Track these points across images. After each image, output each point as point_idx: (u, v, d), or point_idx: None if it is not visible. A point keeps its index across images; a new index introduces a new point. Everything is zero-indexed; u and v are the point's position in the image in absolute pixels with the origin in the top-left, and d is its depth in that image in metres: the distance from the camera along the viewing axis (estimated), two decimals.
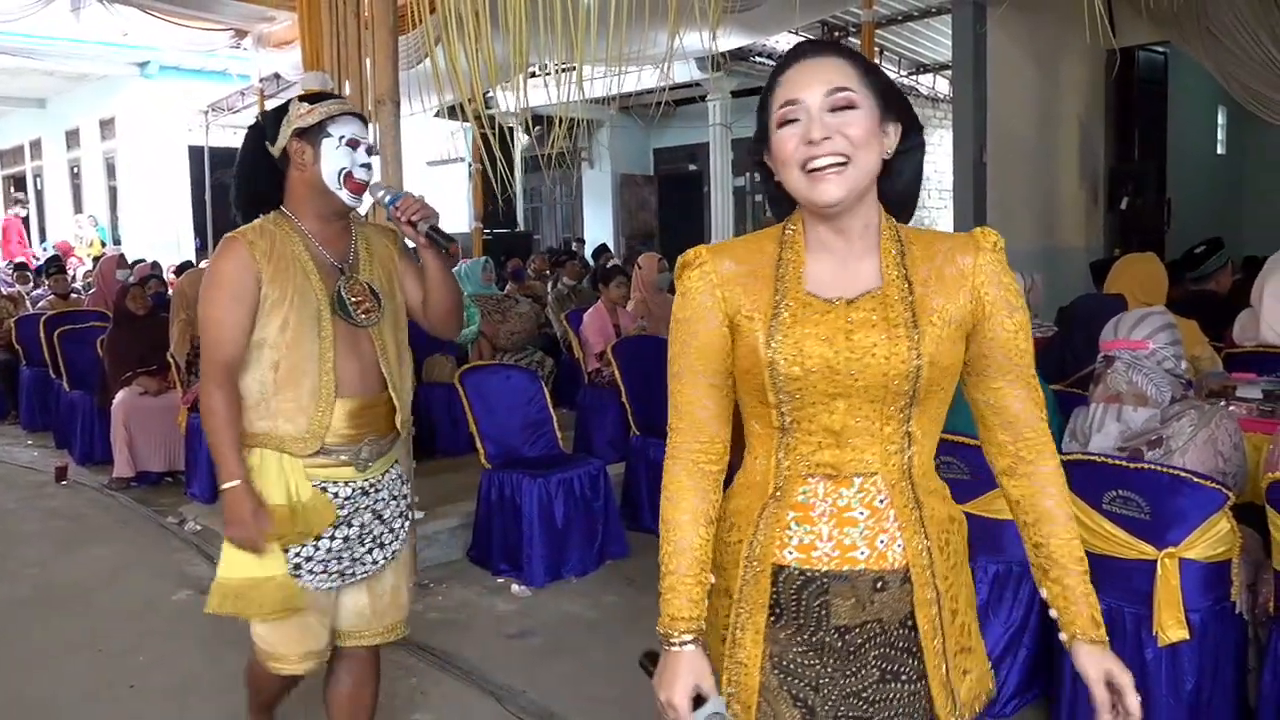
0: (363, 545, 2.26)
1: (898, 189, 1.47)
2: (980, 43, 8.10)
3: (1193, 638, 2.58)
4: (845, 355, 1.36)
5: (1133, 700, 1.36)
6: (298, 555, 2.18)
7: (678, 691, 1.41)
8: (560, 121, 3.62)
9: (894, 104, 1.41)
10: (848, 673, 1.42)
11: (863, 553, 1.40)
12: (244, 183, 2.31)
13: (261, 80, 11.56)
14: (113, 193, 15.56)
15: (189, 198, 14.53)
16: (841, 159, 1.34)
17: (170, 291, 8.21)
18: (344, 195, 2.23)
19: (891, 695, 1.43)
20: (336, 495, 2.21)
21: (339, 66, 3.92)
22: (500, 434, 4.50)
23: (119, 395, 5.81)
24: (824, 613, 1.41)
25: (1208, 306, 4.57)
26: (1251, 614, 2.63)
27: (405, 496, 2.38)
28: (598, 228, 16.05)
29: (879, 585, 1.40)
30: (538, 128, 4.24)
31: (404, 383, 2.32)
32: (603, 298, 6.18)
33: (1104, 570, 2.68)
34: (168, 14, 9.32)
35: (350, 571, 2.26)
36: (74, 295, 8.69)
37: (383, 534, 2.30)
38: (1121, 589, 2.67)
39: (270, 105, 12.03)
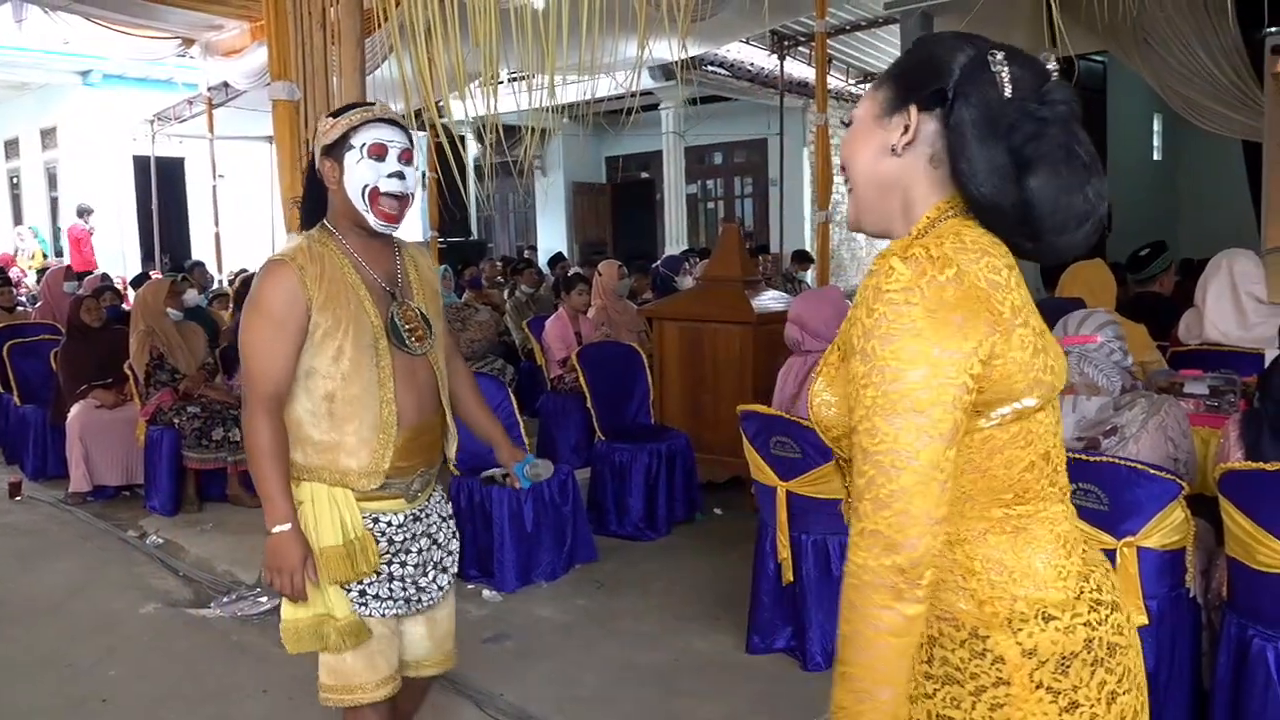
0: (425, 574, 2.19)
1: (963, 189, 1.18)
2: None
3: (1151, 623, 2.68)
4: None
5: None
6: (361, 586, 2.09)
7: None
8: (529, 130, 3.67)
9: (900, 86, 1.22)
10: None
11: None
12: (305, 207, 2.20)
13: (210, 89, 11.46)
14: (54, 203, 15.25)
15: (134, 209, 14.30)
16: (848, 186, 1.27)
17: (125, 304, 8.10)
18: (370, 218, 2.07)
19: None
20: (390, 524, 2.12)
21: (305, 77, 3.92)
22: (468, 441, 4.48)
23: (74, 409, 5.72)
24: None
25: (1152, 307, 4.74)
26: (1205, 599, 2.75)
27: (450, 516, 2.32)
28: (551, 236, 16.09)
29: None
30: (490, 136, 4.28)
31: (449, 409, 2.26)
32: (564, 305, 6.23)
33: None
34: (113, 23, 9.19)
35: (416, 599, 2.17)
36: (20, 308, 8.50)
37: (442, 558, 2.24)
38: None
39: (219, 114, 11.89)
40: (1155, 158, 13.76)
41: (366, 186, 2.04)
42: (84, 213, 13.35)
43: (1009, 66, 1.15)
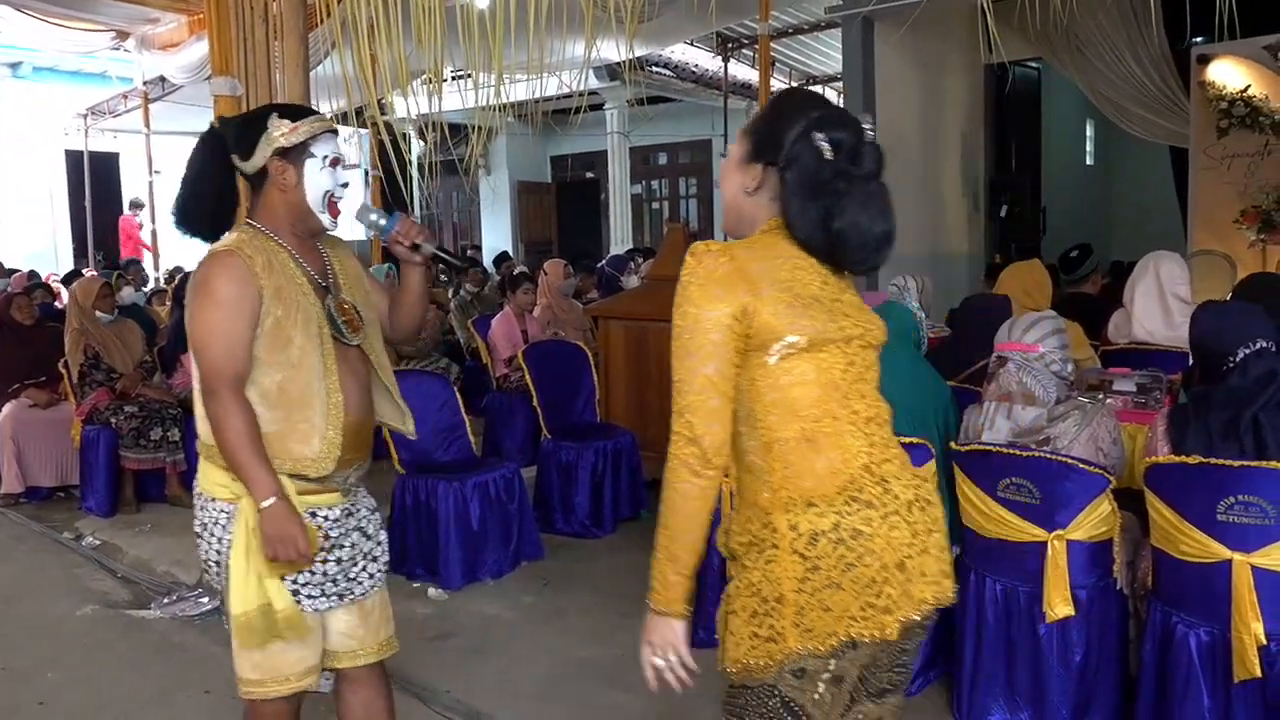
0: (356, 565, 2.21)
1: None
2: (868, 56, 8.43)
3: (1079, 613, 2.78)
4: None
5: None
6: (294, 582, 2.11)
7: None
8: (475, 130, 3.68)
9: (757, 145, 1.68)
10: None
11: None
12: (204, 198, 2.18)
13: (146, 83, 11.23)
14: None
15: (67, 205, 13.95)
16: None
17: (57, 302, 7.92)
18: (325, 219, 2.17)
19: None
20: (327, 519, 2.15)
21: (247, 72, 3.88)
22: (413, 439, 4.49)
23: (5, 408, 5.59)
24: None
25: (1083, 307, 4.89)
26: (1131, 589, 2.85)
27: (374, 507, 2.33)
28: (496, 235, 16.03)
29: None
30: (434, 134, 4.28)
31: (397, 390, 2.32)
32: (510, 304, 6.23)
33: (1000, 553, 2.88)
34: (44, 13, 8.96)
35: (348, 591, 2.20)
36: None
37: (372, 549, 2.26)
38: (1016, 570, 2.86)
39: (156, 109, 11.64)
40: (1088, 162, 14.13)
41: (327, 193, 2.15)
42: (136, 206, 13.14)
43: (829, 135, 1.59)
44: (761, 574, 1.58)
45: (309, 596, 2.13)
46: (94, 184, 12.91)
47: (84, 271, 10.13)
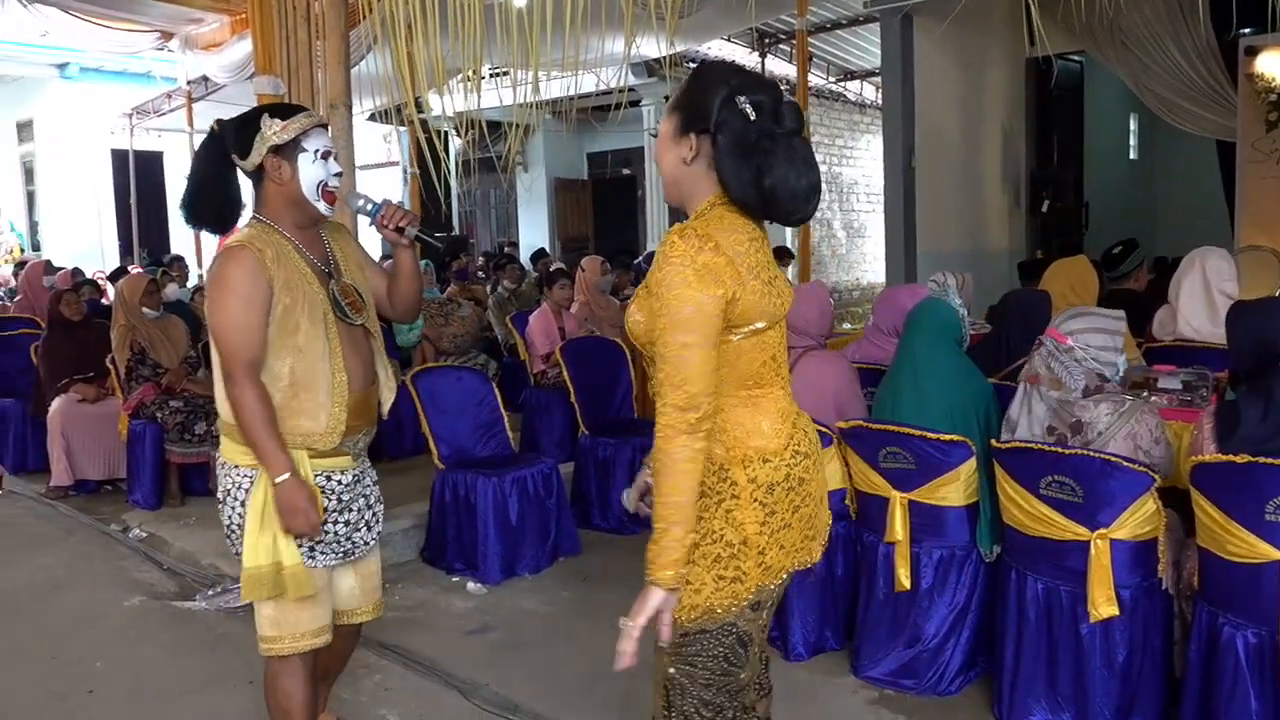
0: (358, 530, 2.46)
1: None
2: (908, 50, 8.37)
3: (1123, 613, 2.75)
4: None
5: None
6: (310, 540, 2.32)
7: None
8: (513, 127, 3.71)
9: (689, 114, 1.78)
10: None
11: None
12: (208, 195, 2.37)
13: (189, 83, 11.38)
14: (30, 197, 15.11)
15: (113, 202, 14.19)
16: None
17: (104, 299, 8.06)
18: (321, 206, 2.35)
19: None
20: (340, 483, 2.39)
21: (289, 70, 3.93)
22: (453, 435, 4.54)
23: (55, 403, 5.71)
24: None
25: (1126, 304, 4.81)
26: (1176, 589, 2.81)
27: (376, 481, 2.57)
28: (533, 232, 16.08)
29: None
30: (472, 132, 4.31)
31: (388, 366, 2.53)
32: (547, 301, 6.25)
33: (1042, 551, 2.86)
34: (91, 15, 9.12)
35: (352, 551, 2.45)
36: None
37: (370, 516, 2.50)
38: (1058, 568, 2.83)
39: (199, 108, 11.82)
40: (1132, 156, 13.91)
41: (320, 183, 2.34)
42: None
43: (750, 98, 1.71)
44: (723, 522, 1.79)
45: (321, 554, 2.36)
46: (139, 182, 13.11)
47: (130, 268, 10.29)
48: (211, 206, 2.38)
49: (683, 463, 1.69)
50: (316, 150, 2.32)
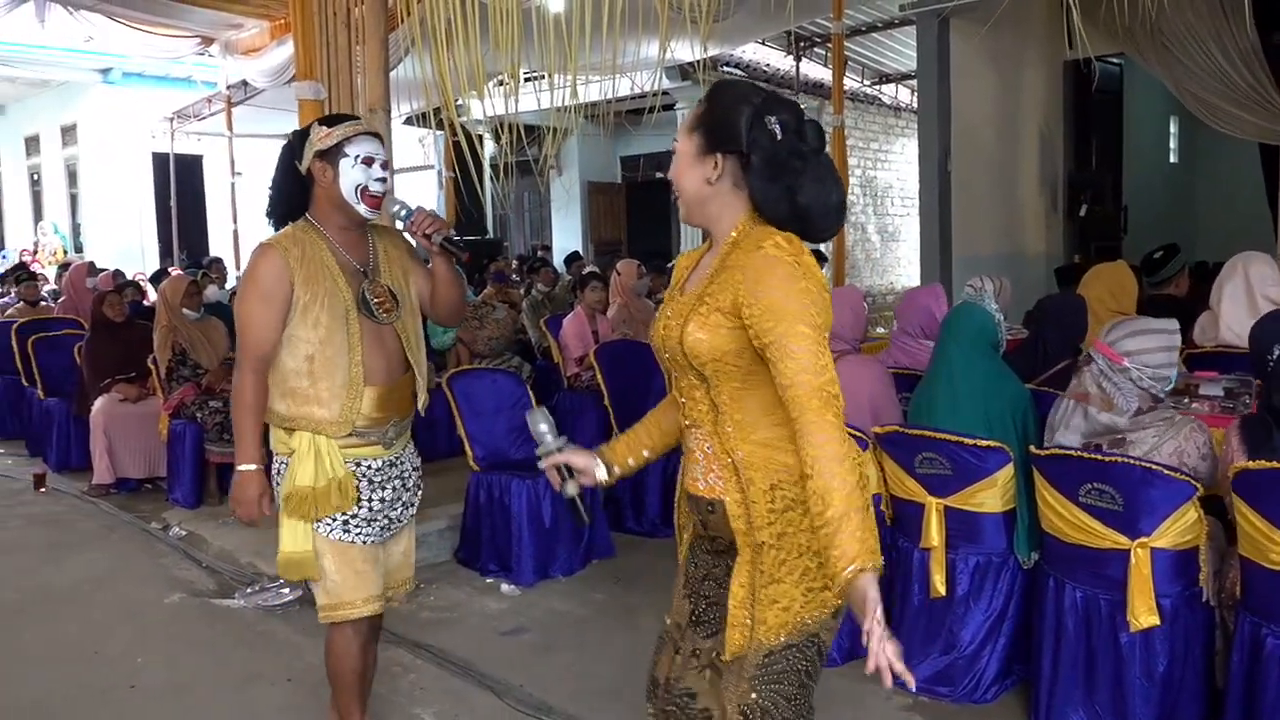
0: (394, 509, 2.59)
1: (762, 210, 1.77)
2: (944, 53, 8.31)
3: (1164, 623, 2.72)
4: (657, 335, 1.86)
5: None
6: (348, 519, 2.47)
7: None
8: (550, 131, 3.73)
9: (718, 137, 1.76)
10: (714, 569, 1.94)
11: (701, 483, 1.85)
12: (277, 197, 2.56)
13: (229, 87, 11.54)
14: (74, 200, 15.40)
15: (153, 205, 14.42)
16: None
17: (145, 300, 8.18)
18: (362, 208, 2.48)
19: (725, 598, 1.83)
20: (370, 467, 2.51)
21: (329, 75, 3.98)
22: (487, 437, 4.57)
23: (98, 402, 5.80)
24: (691, 524, 1.97)
25: (1167, 310, 4.75)
26: (1218, 599, 2.78)
27: (418, 469, 2.71)
28: (566, 235, 16.14)
29: (710, 509, 1.85)
30: (508, 135, 4.34)
31: (424, 366, 2.62)
32: (580, 304, 6.27)
33: (1080, 559, 2.83)
34: (134, 21, 9.27)
35: (388, 528, 2.58)
36: (42, 303, 8.60)
37: (407, 497, 2.64)
38: (1097, 577, 2.80)
39: (238, 112, 11.98)
40: (1172, 160, 13.72)
41: (359, 186, 2.46)
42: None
43: (776, 117, 1.72)
44: (810, 535, 1.72)
45: (357, 529, 2.49)
46: (178, 185, 13.30)
47: (170, 270, 10.45)
48: (280, 208, 2.56)
49: (842, 446, 1.63)
50: (357, 156, 2.45)
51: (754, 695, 1.77)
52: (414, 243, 2.59)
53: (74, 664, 3.57)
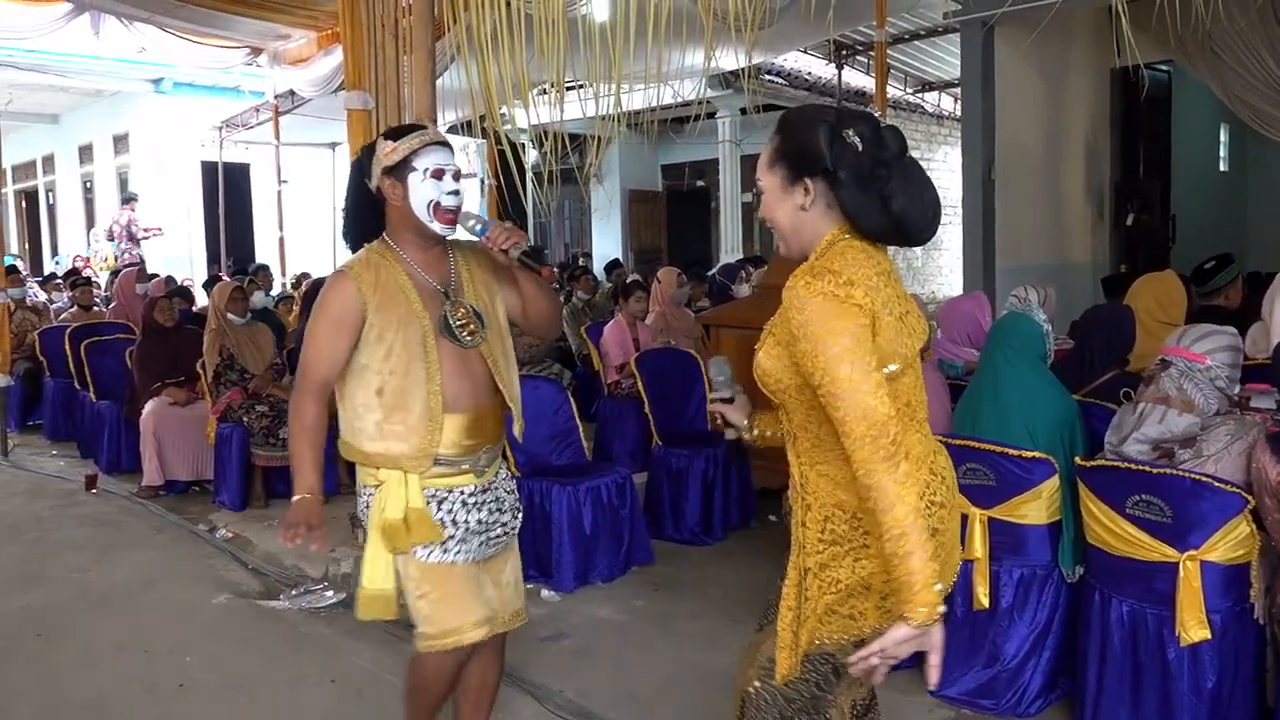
0: (490, 531, 2.45)
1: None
2: (988, 61, 8.24)
3: (1213, 638, 2.68)
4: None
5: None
6: (445, 541, 2.36)
7: None
8: (594, 139, 3.75)
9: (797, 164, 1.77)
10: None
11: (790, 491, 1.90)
12: (351, 217, 2.49)
13: (276, 97, 11.72)
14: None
15: (202, 213, 14.66)
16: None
17: (193, 307, 8.32)
18: (436, 225, 2.37)
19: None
20: (463, 493, 2.40)
21: (377, 86, 4.04)
22: (529, 443, 4.58)
23: (148, 406, 5.91)
24: None
25: (1218, 321, 4.67)
26: (1268, 615, 2.73)
27: (513, 492, 2.57)
28: (607, 243, 16.19)
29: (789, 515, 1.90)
30: (550, 143, 4.37)
31: (515, 390, 2.49)
32: (622, 311, 6.30)
33: (1126, 572, 2.80)
34: (186, 32, 9.45)
35: (487, 549, 2.45)
36: (95, 308, 8.79)
37: (506, 520, 2.51)
38: (1144, 590, 2.77)
39: (285, 121, 12.14)
40: (1222, 168, 13.49)
41: (431, 202, 2.35)
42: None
43: (854, 129, 1.71)
44: (849, 571, 1.75)
45: (458, 550, 2.38)
46: (226, 193, 13.51)
47: (222, 276, 10.63)
48: (354, 229, 2.48)
49: (895, 489, 1.60)
50: (426, 169, 2.33)
51: (757, 684, 1.89)
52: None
53: (125, 662, 3.65)
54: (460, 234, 2.44)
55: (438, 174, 2.34)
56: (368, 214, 2.43)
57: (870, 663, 1.65)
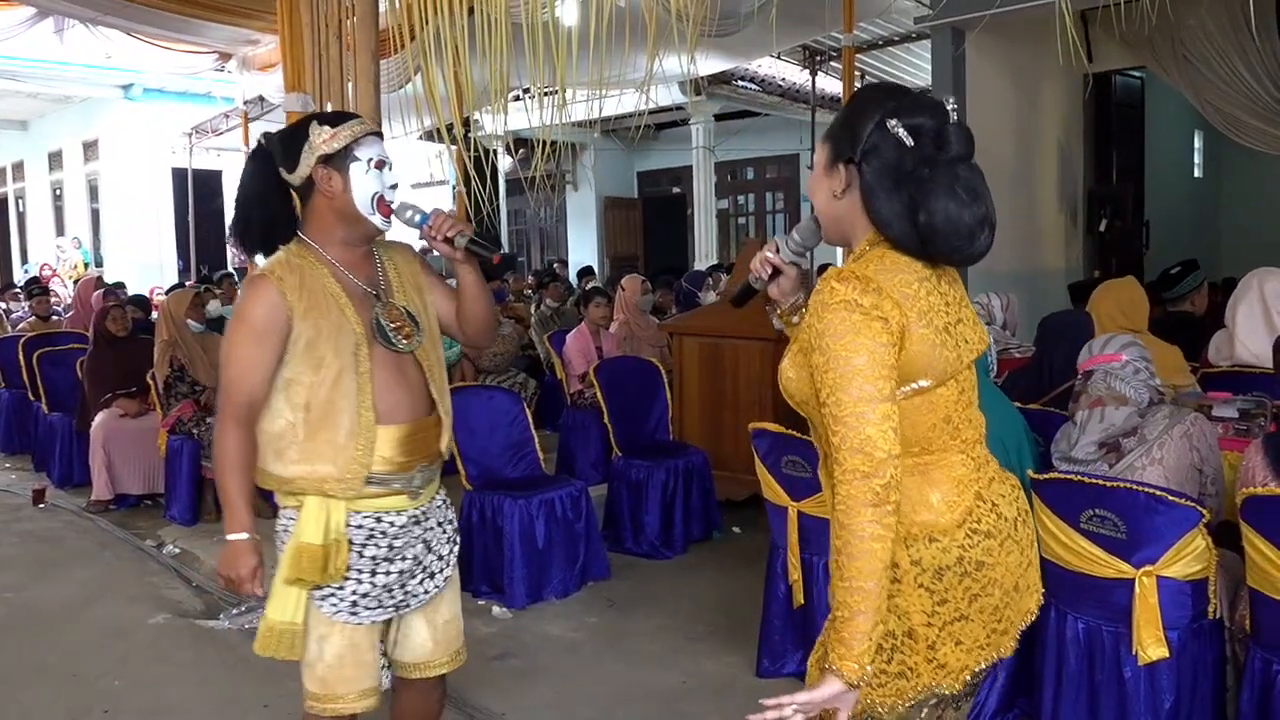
0: (414, 578, 2.19)
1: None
2: (959, 67, 8.19)
3: (1171, 656, 2.59)
4: None
5: None
6: (354, 594, 2.12)
7: None
8: (542, 144, 3.65)
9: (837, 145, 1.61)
10: None
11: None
12: (254, 212, 2.19)
13: (246, 103, 11.59)
14: (95, 215, 15.52)
15: (172, 220, 14.51)
16: None
17: (151, 315, 8.18)
18: (377, 220, 2.15)
19: None
20: (392, 524, 2.14)
21: (320, 88, 3.92)
22: (482, 455, 4.48)
23: (98, 417, 5.77)
24: None
25: (1184, 327, 4.61)
26: (1228, 631, 2.64)
27: (451, 521, 2.33)
28: (582, 250, 16.10)
29: None
30: (521, 150, 4.26)
31: (448, 401, 2.26)
32: (585, 319, 6.19)
33: (1082, 588, 2.70)
34: (152, 37, 9.31)
35: (404, 604, 2.19)
36: (54, 318, 8.63)
37: (432, 563, 2.23)
38: (1100, 607, 2.68)
39: (255, 127, 12.06)
40: (1196, 175, 13.50)
41: (375, 194, 2.13)
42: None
43: (907, 121, 1.52)
44: (887, 609, 1.52)
45: (367, 609, 2.13)
46: (197, 200, 13.38)
47: (186, 284, 10.49)
48: (258, 227, 2.19)
49: (869, 540, 1.44)
50: (370, 159, 2.12)
51: None
52: (435, 251, 2.22)
53: (50, 686, 3.51)
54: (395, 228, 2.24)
55: (380, 165, 2.14)
56: (280, 210, 2.19)
57: (783, 713, 1.46)
